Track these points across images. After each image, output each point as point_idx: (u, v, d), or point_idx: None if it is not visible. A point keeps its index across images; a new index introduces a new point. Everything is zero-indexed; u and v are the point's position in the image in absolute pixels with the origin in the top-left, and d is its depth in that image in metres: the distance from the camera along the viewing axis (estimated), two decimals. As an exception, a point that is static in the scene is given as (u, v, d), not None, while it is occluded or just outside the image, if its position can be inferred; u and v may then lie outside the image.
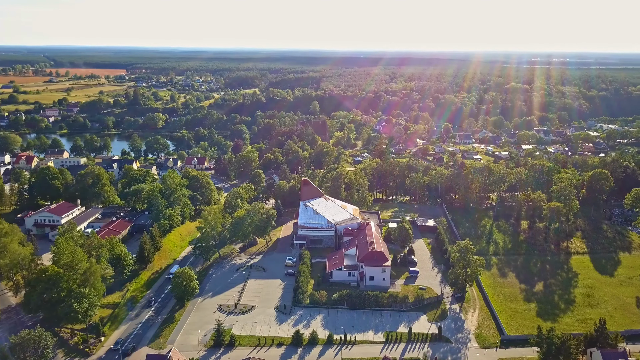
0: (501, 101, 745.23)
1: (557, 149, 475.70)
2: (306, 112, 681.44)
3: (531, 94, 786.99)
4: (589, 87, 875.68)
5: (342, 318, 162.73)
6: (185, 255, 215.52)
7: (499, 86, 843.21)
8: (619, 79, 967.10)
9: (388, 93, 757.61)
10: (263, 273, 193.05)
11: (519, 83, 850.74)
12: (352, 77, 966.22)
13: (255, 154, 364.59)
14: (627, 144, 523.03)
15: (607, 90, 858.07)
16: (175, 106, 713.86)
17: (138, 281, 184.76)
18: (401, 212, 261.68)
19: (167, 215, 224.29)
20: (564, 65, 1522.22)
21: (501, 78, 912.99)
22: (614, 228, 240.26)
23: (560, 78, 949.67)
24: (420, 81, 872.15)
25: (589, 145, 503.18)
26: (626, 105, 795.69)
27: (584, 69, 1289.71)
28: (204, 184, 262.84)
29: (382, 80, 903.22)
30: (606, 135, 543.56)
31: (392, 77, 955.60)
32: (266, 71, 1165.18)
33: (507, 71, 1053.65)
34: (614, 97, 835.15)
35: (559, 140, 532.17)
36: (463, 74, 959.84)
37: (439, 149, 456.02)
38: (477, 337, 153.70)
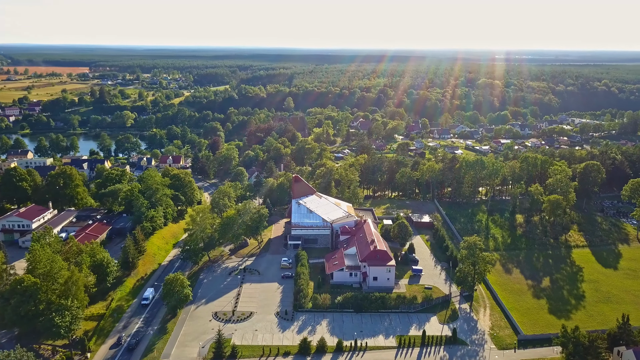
0: (474, 96, 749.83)
1: (534, 143, 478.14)
2: (280, 108, 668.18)
3: (503, 89, 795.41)
4: (557, 82, 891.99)
5: (348, 322, 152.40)
6: (171, 259, 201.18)
7: (471, 82, 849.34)
8: (584, 74, 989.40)
9: (362, 89, 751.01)
10: (258, 276, 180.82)
11: (490, 79, 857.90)
12: (325, 74, 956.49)
13: (235, 152, 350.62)
14: (599, 137, 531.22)
15: (574, 86, 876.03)
16: (144, 104, 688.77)
17: (123, 289, 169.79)
18: (393, 208, 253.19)
19: (149, 217, 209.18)
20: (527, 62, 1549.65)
21: (472, 74, 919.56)
22: (608, 220, 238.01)
23: (529, 74, 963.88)
24: (394, 77, 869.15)
25: (564, 139, 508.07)
26: (592, 100, 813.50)
27: (547, 65, 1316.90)
28: (185, 183, 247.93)
29: (355, 77, 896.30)
30: (580, 128, 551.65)
31: (365, 73, 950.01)
32: (236, 68, 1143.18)
33: (476, 67, 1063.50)
34: (581, 92, 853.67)
35: (534, 134, 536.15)
36: (434, 71, 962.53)
37: (419, 144, 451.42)
38: (492, 338, 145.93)
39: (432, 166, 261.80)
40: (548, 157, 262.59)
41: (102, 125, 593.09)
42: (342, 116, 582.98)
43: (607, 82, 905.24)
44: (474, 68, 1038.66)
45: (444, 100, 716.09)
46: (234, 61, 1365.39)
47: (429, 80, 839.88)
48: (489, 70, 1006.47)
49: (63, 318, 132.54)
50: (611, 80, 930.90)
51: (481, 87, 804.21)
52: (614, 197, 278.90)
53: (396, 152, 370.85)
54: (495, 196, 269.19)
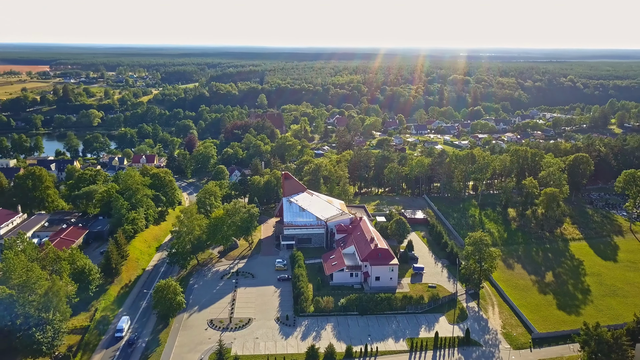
0: (447, 92, 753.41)
1: (510, 138, 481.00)
2: (253, 105, 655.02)
3: (474, 85, 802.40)
4: (525, 78, 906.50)
5: (354, 326, 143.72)
6: (156, 263, 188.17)
7: (442, 78, 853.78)
8: (550, 70, 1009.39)
9: (336, 86, 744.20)
10: (252, 280, 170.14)
11: (461, 75, 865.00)
12: (296, 71, 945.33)
13: (213, 149, 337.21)
14: (572, 131, 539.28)
15: (542, 81, 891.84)
16: (111, 102, 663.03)
17: (107, 298, 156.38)
18: (383, 204, 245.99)
19: (130, 219, 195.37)
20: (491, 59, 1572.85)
21: (443, 70, 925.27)
22: (599, 212, 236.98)
23: (498, 70, 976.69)
24: (366, 74, 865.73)
25: (538, 133, 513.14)
26: (559, 95, 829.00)
27: (513, 62, 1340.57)
28: (166, 182, 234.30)
29: (327, 74, 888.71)
30: (552, 123, 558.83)
31: (336, 70, 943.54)
32: (204, 66, 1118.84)
33: (447, 64, 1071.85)
34: (548, 88, 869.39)
35: (509, 129, 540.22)
36: (406, 68, 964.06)
37: (398, 140, 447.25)
38: (506, 337, 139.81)
39: (421, 161, 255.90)
40: (537, 150, 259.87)
41: (67, 124, 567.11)
42: (317, 113, 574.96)
43: (573, 77, 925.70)
44: (444, 65, 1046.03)
45: (417, 97, 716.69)
46: (202, 59, 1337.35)
47: (401, 77, 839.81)
48: (459, 66, 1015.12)
49: (44, 333, 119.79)
50: (576, 76, 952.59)
51: (453, 83, 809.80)
52: (599, 189, 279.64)
53: (376, 148, 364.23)
54: (484, 190, 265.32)
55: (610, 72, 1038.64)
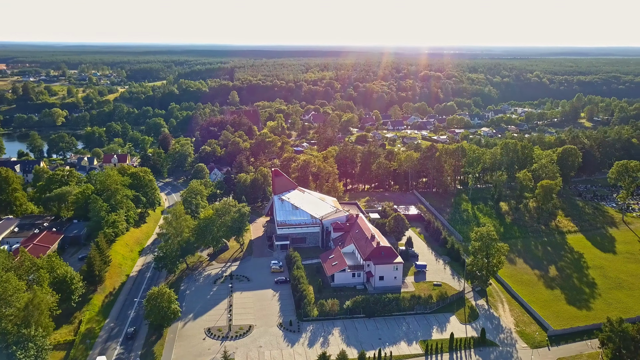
0: (419, 88, 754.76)
1: (486, 132, 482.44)
2: (224, 102, 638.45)
3: (445, 81, 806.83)
4: (493, 74, 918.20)
5: (362, 330, 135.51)
6: (140, 269, 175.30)
7: (414, 74, 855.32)
8: (517, 66, 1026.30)
9: (308, 82, 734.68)
10: (248, 283, 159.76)
11: (432, 71, 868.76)
12: (267, 68, 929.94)
13: (190, 147, 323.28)
14: (544, 125, 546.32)
15: (509, 77, 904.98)
16: (75, 101, 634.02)
17: (91, 308, 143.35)
18: (373, 201, 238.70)
19: (110, 221, 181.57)
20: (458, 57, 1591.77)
21: (413, 66, 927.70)
22: (589, 204, 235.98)
23: (467, 66, 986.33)
24: (338, 70, 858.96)
25: (513, 128, 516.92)
26: (527, 90, 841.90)
27: (478, 59, 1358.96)
28: (146, 182, 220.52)
29: (298, 70, 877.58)
30: (525, 117, 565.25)
31: (307, 67, 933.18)
32: (171, 63, 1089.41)
33: (415, 61, 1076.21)
34: (516, 83, 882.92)
35: (483, 124, 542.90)
36: (375, 64, 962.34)
37: (376, 135, 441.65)
38: (521, 336, 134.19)
39: (410, 155, 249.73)
40: (527, 142, 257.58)
41: (29, 124, 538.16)
42: (292, 109, 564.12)
43: (539, 73, 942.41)
44: (415, 61, 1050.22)
45: (390, 93, 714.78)
46: (168, 57, 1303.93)
47: (373, 74, 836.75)
48: (427, 63, 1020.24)
49: (26, 351, 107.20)
50: (541, 72, 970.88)
51: (424, 80, 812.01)
52: (584, 181, 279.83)
53: (355, 144, 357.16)
54: (474, 185, 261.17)
55: (574, 68, 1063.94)
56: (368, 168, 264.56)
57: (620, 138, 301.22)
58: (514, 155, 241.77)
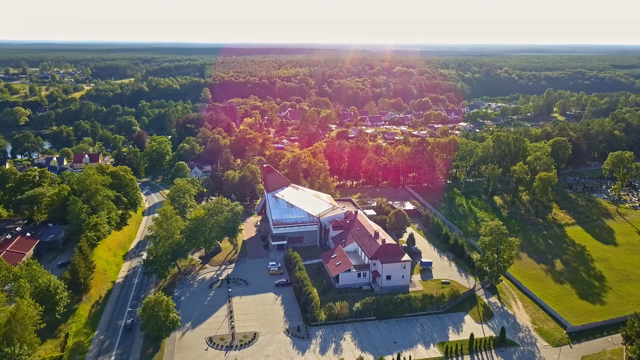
0: (393, 84, 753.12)
1: (464, 127, 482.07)
2: (196, 100, 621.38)
3: (418, 77, 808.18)
4: (464, 70, 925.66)
5: (375, 333, 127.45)
6: (126, 274, 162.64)
7: (386, 70, 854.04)
8: (486, 62, 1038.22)
9: (282, 79, 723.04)
10: (247, 287, 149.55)
11: (405, 67, 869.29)
12: (238, 64, 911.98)
13: (168, 145, 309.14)
14: (519, 119, 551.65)
15: (480, 73, 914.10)
16: (39, 99, 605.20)
17: (77, 320, 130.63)
18: (365, 197, 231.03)
19: (91, 224, 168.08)
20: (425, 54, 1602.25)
21: (386, 62, 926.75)
22: (582, 196, 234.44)
23: (438, 62, 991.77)
24: (311, 67, 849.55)
25: (489, 122, 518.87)
26: (498, 86, 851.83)
27: (445, 57, 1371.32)
28: (126, 182, 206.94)
29: (271, 67, 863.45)
30: (500, 112, 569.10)
31: (278, 63, 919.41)
32: (138, 60, 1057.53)
33: (387, 58, 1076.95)
34: (486, 79, 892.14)
35: (460, 119, 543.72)
36: (348, 60, 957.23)
37: (355, 131, 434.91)
38: (540, 334, 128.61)
39: (401, 150, 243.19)
40: (519, 135, 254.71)
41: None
42: (268, 106, 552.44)
43: (508, 69, 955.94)
44: (386, 58, 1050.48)
45: (364, 89, 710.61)
46: (133, 54, 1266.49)
47: (346, 70, 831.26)
48: (401, 59, 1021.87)
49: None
50: (510, 67, 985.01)
51: (397, 76, 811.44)
52: (572, 173, 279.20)
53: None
54: (465, 178, 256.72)
55: (541, 64, 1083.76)
56: (356, 163, 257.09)
57: (604, 130, 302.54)
58: (506, 148, 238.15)
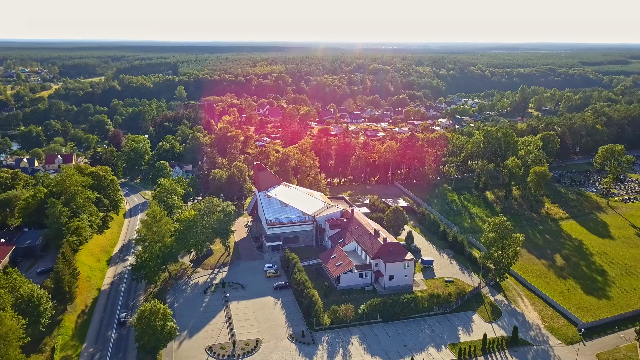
0: (369, 82, 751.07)
1: (444, 123, 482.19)
2: (171, 98, 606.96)
3: (394, 74, 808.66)
4: (439, 67, 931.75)
5: (383, 336, 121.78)
6: (112, 281, 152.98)
7: (362, 68, 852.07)
8: (459, 60, 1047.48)
9: (259, 76, 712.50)
10: (243, 291, 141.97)
11: (380, 64, 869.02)
12: (212, 62, 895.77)
13: (147, 144, 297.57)
14: (497, 115, 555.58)
15: (454, 70, 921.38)
16: (4, 99, 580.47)
17: (63, 331, 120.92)
18: (356, 194, 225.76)
19: (72, 228, 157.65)
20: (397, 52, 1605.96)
21: (361, 60, 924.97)
22: (572, 190, 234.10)
23: (413, 60, 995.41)
24: (287, 64, 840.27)
25: (468, 119, 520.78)
26: (472, 82, 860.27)
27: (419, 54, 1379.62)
28: (107, 182, 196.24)
29: (246, 64, 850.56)
30: (478, 108, 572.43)
31: (253, 61, 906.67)
32: (108, 58, 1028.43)
33: (361, 55, 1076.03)
34: (461, 76, 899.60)
35: (439, 115, 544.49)
36: (324, 58, 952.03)
37: (337, 129, 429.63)
38: (551, 332, 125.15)
39: (391, 146, 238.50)
40: (509, 130, 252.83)
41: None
42: (245, 103, 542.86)
43: (481, 66, 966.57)
44: (360, 55, 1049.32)
45: (342, 86, 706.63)
46: (102, 52, 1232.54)
47: (322, 67, 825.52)
48: (376, 57, 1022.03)
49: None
50: (483, 64, 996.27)
51: (373, 73, 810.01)
52: (558, 167, 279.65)
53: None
54: (449, 174, 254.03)
55: (512, 61, 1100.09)
56: (344, 160, 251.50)
57: (586, 124, 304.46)
58: (496, 143, 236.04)
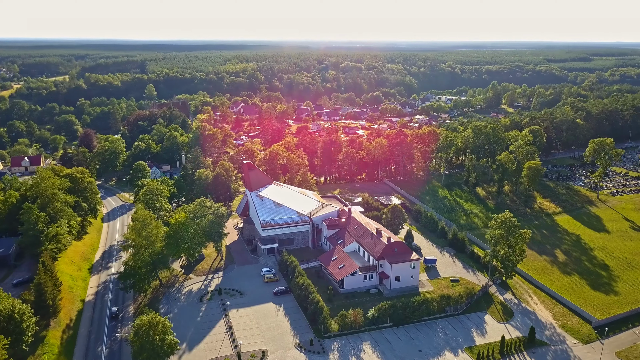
0: (343, 79, 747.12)
1: (421, 120, 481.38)
2: (140, 97, 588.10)
3: (366, 72, 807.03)
4: (410, 64, 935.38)
5: (396, 342, 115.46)
6: (96, 291, 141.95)
7: (335, 66, 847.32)
8: (430, 57, 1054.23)
9: (230, 74, 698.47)
10: (242, 298, 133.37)
11: (352, 62, 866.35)
12: (181, 60, 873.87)
13: (122, 144, 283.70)
14: (471, 111, 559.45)
15: (425, 67, 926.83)
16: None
17: (48, 349, 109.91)
18: (346, 192, 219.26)
19: (51, 235, 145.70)
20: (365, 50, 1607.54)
21: (333, 57, 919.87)
22: (561, 185, 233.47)
23: (384, 57, 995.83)
24: (259, 62, 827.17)
25: (444, 115, 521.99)
26: (442, 80, 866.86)
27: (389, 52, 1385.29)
28: (85, 185, 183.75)
29: (216, 62, 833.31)
30: (453, 104, 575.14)
31: (223, 59, 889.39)
32: (71, 57, 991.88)
33: (334, 53, 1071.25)
34: (432, 73, 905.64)
35: (414, 112, 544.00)
36: (295, 56, 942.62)
37: (316, 126, 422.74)
38: (566, 330, 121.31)
39: (380, 142, 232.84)
40: (497, 124, 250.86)
41: None
42: (219, 102, 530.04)
43: (451, 63, 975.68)
44: (332, 53, 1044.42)
45: (315, 84, 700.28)
46: (65, 50, 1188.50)
47: (295, 65, 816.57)
48: (348, 54, 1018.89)
49: None
50: (453, 62, 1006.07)
51: (346, 70, 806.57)
52: (543, 162, 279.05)
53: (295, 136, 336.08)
54: (436, 170, 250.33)
55: (481, 59, 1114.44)
56: (330, 158, 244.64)
57: (567, 119, 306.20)
58: (485, 138, 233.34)
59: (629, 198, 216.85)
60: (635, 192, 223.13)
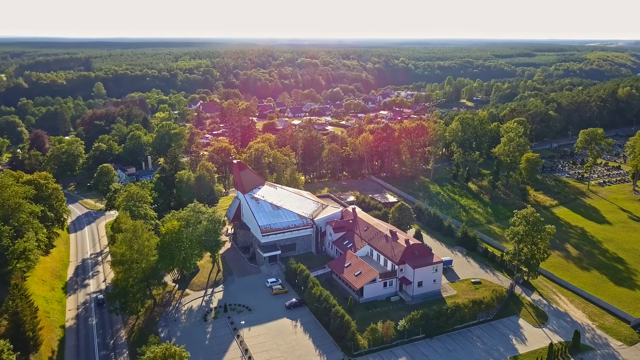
0: (300, 75, 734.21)
1: (386, 115, 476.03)
2: (89, 95, 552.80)
3: (323, 67, 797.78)
4: (365, 60, 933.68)
5: (434, 356, 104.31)
6: (77, 313, 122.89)
7: (291, 62, 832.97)
8: (384, 54, 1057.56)
9: (184, 71, 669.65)
10: (251, 314, 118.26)
11: (308, 58, 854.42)
12: (129, 57, 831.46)
13: (81, 146, 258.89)
14: (433, 105, 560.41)
15: (379, 63, 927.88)
16: None
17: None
18: (335, 191, 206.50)
19: (19, 251, 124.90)
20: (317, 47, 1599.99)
21: (288, 54, 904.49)
22: (549, 176, 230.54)
23: (339, 54, 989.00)
24: (213, 58, 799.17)
25: (407, 110, 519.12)
26: (397, 75, 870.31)
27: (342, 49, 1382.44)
28: (49, 192, 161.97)
29: (167, 59, 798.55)
30: (414, 99, 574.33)
31: (175, 56, 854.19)
32: (6, 54, 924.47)
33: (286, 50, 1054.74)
34: (386, 69, 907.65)
35: (377, 108, 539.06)
36: (250, 52, 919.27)
37: (283, 123, 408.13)
38: (607, 332, 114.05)
39: (366, 138, 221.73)
40: (484, 117, 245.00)
41: None
42: (175, 99, 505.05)
43: (404, 59, 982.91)
44: (285, 49, 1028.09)
45: (273, 80, 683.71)
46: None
47: (250, 61, 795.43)
48: (302, 51, 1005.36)
49: None
50: (405, 58, 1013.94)
51: (302, 67, 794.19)
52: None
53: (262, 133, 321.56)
54: (423, 165, 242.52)
55: (432, 55, 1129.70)
56: (311, 155, 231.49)
57: (540, 111, 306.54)
58: (473, 131, 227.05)
59: (617, 188, 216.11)
60: (622, 182, 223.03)
